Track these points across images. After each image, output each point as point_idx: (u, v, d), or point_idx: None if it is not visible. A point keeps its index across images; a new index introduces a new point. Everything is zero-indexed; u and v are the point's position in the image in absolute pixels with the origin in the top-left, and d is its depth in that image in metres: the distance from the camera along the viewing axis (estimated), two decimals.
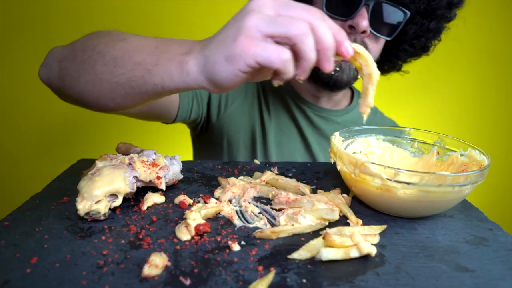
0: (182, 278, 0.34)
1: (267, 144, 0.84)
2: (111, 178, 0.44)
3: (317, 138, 0.87)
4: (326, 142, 0.87)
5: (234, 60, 0.37)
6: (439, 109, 1.56)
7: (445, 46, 1.51)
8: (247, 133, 0.86)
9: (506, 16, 1.45)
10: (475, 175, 0.42)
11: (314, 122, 0.86)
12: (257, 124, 0.85)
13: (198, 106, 0.82)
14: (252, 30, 0.37)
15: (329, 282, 0.34)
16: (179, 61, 0.42)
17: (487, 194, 1.56)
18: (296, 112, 0.86)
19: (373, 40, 0.75)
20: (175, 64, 0.43)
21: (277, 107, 0.86)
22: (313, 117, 0.86)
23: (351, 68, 0.75)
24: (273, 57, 0.36)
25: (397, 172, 0.42)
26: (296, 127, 0.87)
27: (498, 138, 1.58)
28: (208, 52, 0.40)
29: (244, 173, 0.60)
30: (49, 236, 0.40)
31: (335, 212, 0.45)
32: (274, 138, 0.85)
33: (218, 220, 0.45)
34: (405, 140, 0.59)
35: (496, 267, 0.38)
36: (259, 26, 0.36)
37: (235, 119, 0.85)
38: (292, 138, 0.86)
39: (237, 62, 0.37)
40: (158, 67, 0.44)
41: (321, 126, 0.87)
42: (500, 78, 1.52)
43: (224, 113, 0.85)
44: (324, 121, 0.87)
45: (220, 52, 0.38)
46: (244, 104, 0.86)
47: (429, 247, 0.41)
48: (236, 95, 0.85)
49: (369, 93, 0.44)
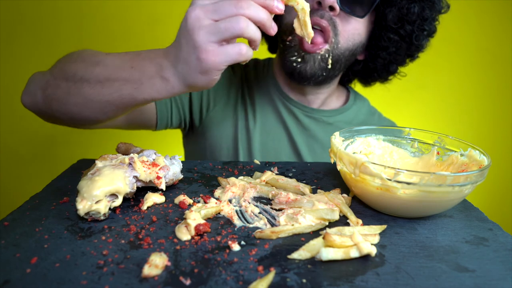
0: (182, 278, 0.34)
1: (252, 146, 0.82)
2: (111, 178, 0.44)
3: (306, 139, 0.84)
4: (316, 143, 0.84)
5: (208, 72, 0.47)
6: (439, 109, 1.56)
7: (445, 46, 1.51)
8: (229, 136, 0.84)
9: (506, 16, 1.45)
10: (475, 175, 0.42)
11: (302, 123, 0.84)
12: (241, 127, 0.83)
13: (179, 112, 0.81)
14: (206, 44, 0.45)
15: (329, 282, 0.34)
16: (161, 78, 0.50)
17: (487, 194, 1.56)
18: (284, 113, 0.84)
19: (344, 20, 0.71)
20: (158, 81, 0.50)
21: (263, 108, 0.84)
22: (302, 117, 0.84)
23: (315, 60, 0.72)
24: (236, 56, 0.46)
25: (397, 172, 0.42)
26: (284, 128, 0.84)
27: (498, 138, 1.58)
28: (182, 70, 0.48)
29: (244, 173, 0.60)
30: (49, 236, 0.40)
31: (335, 212, 0.45)
32: (260, 139, 0.83)
33: (218, 220, 0.45)
34: (405, 140, 0.59)
35: (496, 267, 0.38)
36: (209, 39, 0.44)
37: (217, 122, 0.84)
38: (279, 140, 0.84)
39: (212, 73, 0.47)
40: (143, 86, 0.51)
41: (310, 127, 0.84)
42: (500, 78, 1.52)
43: (206, 117, 0.84)
44: (314, 121, 0.84)
45: (194, 70, 0.47)
46: (226, 108, 0.84)
47: (429, 247, 0.41)
48: (218, 99, 0.84)
49: (307, 24, 0.51)
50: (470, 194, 0.45)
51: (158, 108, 0.77)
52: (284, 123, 0.84)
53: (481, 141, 1.55)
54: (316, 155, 0.84)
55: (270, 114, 0.84)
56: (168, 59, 0.50)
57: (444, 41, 1.46)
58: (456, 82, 1.53)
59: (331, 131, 0.83)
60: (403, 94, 1.51)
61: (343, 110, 0.88)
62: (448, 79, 1.52)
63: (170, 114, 0.80)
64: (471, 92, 1.54)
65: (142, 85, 0.51)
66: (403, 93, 1.51)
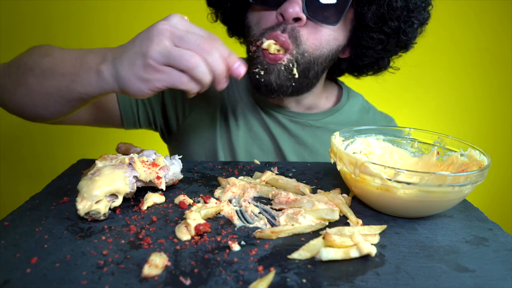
0: (182, 278, 0.34)
1: (236, 154, 0.78)
2: (111, 178, 0.44)
3: (293, 146, 0.79)
4: (304, 150, 0.79)
5: (146, 81, 0.47)
6: (439, 109, 1.56)
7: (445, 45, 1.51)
8: (207, 144, 0.80)
9: (506, 16, 1.45)
10: (475, 175, 0.42)
11: (288, 129, 0.79)
12: (221, 135, 0.79)
13: (147, 113, 0.80)
14: (156, 59, 0.45)
15: (329, 282, 0.34)
16: (96, 71, 0.49)
17: (487, 194, 1.56)
18: (267, 119, 0.79)
19: (313, 29, 0.64)
20: (92, 73, 0.50)
21: (246, 116, 0.80)
22: (287, 123, 0.79)
23: (279, 70, 0.65)
24: (176, 83, 0.47)
25: (397, 172, 0.42)
26: (269, 135, 0.79)
27: (498, 138, 1.58)
28: (120, 67, 0.47)
29: (244, 173, 0.60)
30: (49, 236, 0.40)
31: (335, 212, 0.45)
32: (244, 148, 0.79)
33: (218, 220, 0.45)
34: (405, 140, 0.59)
35: (496, 267, 0.38)
36: (160, 57, 0.45)
37: (194, 129, 0.80)
38: (265, 147, 0.79)
39: (148, 84, 0.47)
40: (79, 78, 0.51)
41: (297, 133, 0.79)
42: (501, 78, 1.52)
43: (183, 123, 0.81)
44: (300, 127, 0.79)
45: (132, 72, 0.47)
46: (204, 115, 0.80)
47: (429, 247, 0.41)
48: (193, 105, 0.80)
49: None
50: (470, 194, 0.45)
51: (121, 106, 0.76)
52: (269, 130, 0.79)
53: (481, 141, 1.55)
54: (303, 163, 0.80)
55: (254, 121, 0.80)
56: (113, 51, 0.49)
57: (444, 41, 1.46)
58: (456, 82, 1.53)
59: (321, 135, 0.80)
60: (403, 94, 1.51)
61: (334, 111, 0.82)
62: (448, 79, 1.52)
63: (136, 114, 0.79)
64: (471, 92, 1.54)
65: (78, 77, 0.51)
66: (403, 93, 1.51)
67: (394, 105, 1.37)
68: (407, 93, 1.51)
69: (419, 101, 1.54)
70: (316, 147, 0.80)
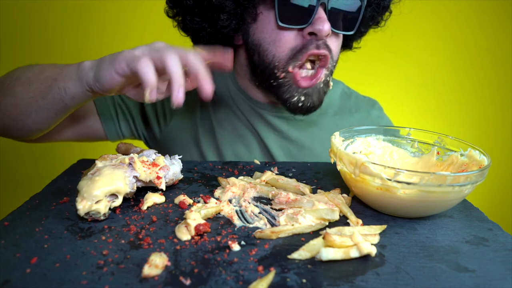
0: (182, 278, 0.34)
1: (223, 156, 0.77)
2: (111, 178, 0.44)
3: (279, 141, 0.79)
4: (290, 145, 0.79)
5: (114, 62, 0.50)
6: (439, 109, 1.56)
7: (445, 45, 1.51)
8: (193, 148, 0.79)
9: (506, 16, 1.45)
10: (475, 175, 0.42)
11: (273, 125, 0.78)
12: (205, 137, 0.78)
13: (128, 124, 0.80)
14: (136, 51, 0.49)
15: (329, 282, 0.34)
16: (78, 65, 0.55)
17: (487, 194, 1.56)
18: (251, 117, 0.78)
19: (335, 39, 0.67)
20: (75, 67, 0.55)
21: (229, 115, 0.79)
22: (270, 119, 0.78)
23: (319, 89, 0.68)
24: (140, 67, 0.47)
25: (397, 172, 0.42)
26: (253, 134, 0.79)
27: (498, 138, 1.58)
28: (103, 58, 0.52)
29: (244, 173, 0.60)
30: (49, 236, 0.40)
31: (335, 212, 0.45)
32: (230, 147, 0.78)
33: (218, 220, 0.45)
34: (405, 140, 0.59)
35: (496, 267, 0.38)
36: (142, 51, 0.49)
37: (177, 134, 0.80)
38: (250, 146, 0.78)
39: (115, 64, 0.49)
40: (62, 73, 0.56)
41: (281, 128, 0.78)
42: (501, 78, 1.52)
43: (165, 129, 0.80)
44: (285, 121, 0.78)
45: (108, 57, 0.51)
46: (184, 119, 0.80)
47: (429, 247, 0.41)
48: (174, 110, 0.79)
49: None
50: (470, 194, 0.45)
51: (101, 118, 0.76)
52: (252, 127, 0.78)
53: (481, 141, 1.55)
54: (293, 157, 0.79)
55: (237, 120, 0.79)
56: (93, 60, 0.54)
57: (444, 41, 1.46)
58: (456, 82, 1.53)
59: (305, 127, 0.80)
60: (403, 94, 1.51)
61: None
62: (448, 79, 1.52)
63: (118, 125, 0.79)
64: (471, 92, 1.54)
65: (60, 74, 0.56)
66: (403, 93, 1.51)
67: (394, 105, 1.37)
68: (407, 93, 1.51)
69: (419, 101, 1.54)
70: (302, 140, 0.79)
